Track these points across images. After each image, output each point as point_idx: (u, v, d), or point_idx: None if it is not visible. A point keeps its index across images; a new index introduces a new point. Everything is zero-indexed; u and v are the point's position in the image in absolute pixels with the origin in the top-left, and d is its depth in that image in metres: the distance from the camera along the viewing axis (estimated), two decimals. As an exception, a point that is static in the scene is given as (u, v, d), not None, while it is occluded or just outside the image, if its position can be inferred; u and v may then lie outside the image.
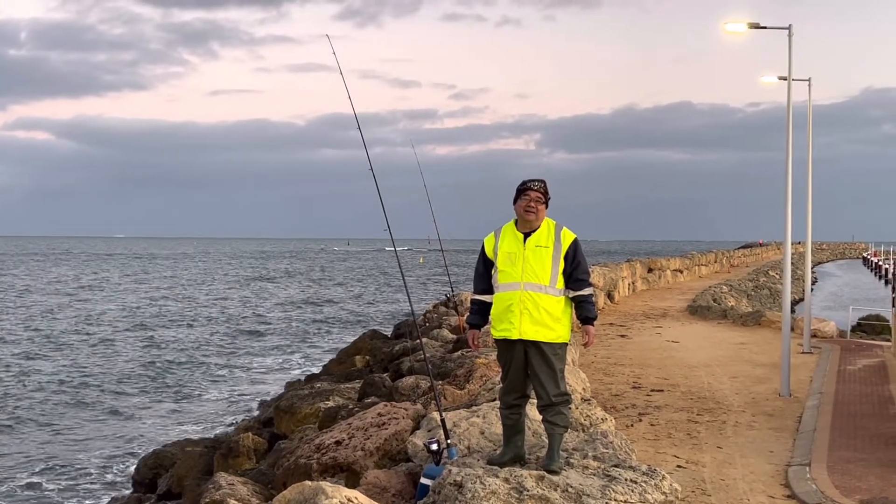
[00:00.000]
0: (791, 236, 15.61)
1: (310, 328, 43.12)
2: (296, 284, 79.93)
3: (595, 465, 6.12)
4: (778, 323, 21.08)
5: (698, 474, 9.22)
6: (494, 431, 7.22)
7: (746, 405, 13.16)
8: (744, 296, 42.75)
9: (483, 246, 6.57)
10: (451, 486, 5.63)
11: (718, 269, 61.85)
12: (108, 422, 21.26)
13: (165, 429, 20.33)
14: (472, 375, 11.23)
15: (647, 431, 11.26)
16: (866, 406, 13.12)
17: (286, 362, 31.70)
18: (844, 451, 10.21)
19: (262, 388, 25.87)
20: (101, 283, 76.16)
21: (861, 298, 53.75)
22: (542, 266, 6.26)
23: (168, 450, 15.21)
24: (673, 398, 13.60)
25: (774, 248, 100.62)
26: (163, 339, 37.63)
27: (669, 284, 43.73)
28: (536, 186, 6.37)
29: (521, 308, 6.24)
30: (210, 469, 12.16)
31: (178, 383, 26.79)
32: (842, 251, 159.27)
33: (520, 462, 6.33)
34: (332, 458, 8.34)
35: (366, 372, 18.48)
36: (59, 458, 17.62)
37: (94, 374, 27.94)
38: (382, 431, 8.54)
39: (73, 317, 46.13)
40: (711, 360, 17.64)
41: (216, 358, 32.42)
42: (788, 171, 15.24)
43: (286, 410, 13.95)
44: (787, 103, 15.44)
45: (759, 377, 15.69)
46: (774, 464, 9.80)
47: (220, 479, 9.12)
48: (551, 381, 6.25)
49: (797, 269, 47.03)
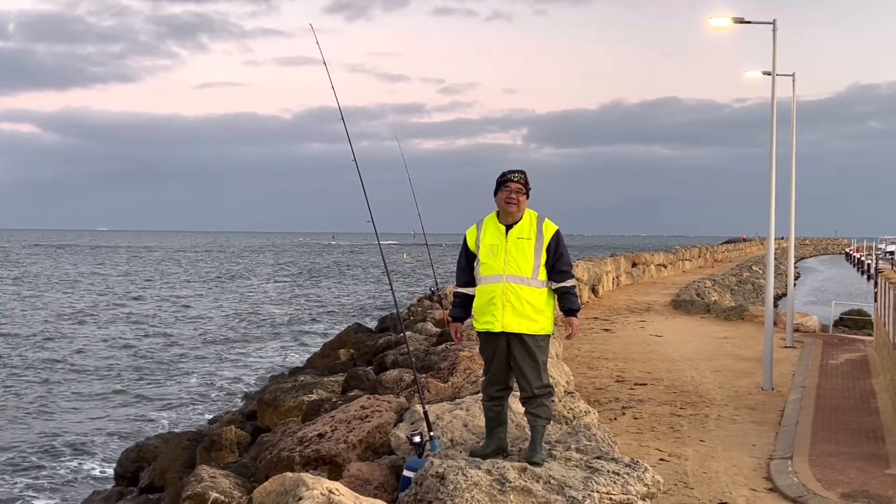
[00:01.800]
0: (774, 232, 15.67)
1: (293, 322, 43.02)
2: (279, 278, 79.73)
3: (578, 458, 6.12)
4: (761, 317, 21.15)
5: (681, 467, 9.25)
6: (477, 424, 7.21)
7: (729, 399, 13.21)
8: (727, 290, 42.96)
9: (465, 238, 6.54)
10: (433, 478, 5.61)
11: (702, 264, 62.10)
12: (89, 414, 21.15)
13: (148, 422, 20.24)
14: (455, 368, 11.21)
15: (630, 425, 11.29)
16: (848, 400, 13.19)
17: (270, 356, 31.62)
18: (826, 445, 10.26)
19: (246, 381, 25.80)
20: (88, 277, 75.79)
21: (843, 293, 54.06)
22: (525, 258, 6.24)
23: (150, 443, 15.14)
24: (656, 392, 13.64)
25: (758, 244, 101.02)
26: (146, 331, 37.48)
27: (653, 279, 43.86)
28: (517, 178, 6.34)
29: (504, 300, 6.22)
30: (192, 462, 12.10)
31: (161, 376, 26.68)
32: (825, 247, 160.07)
33: (502, 454, 6.32)
34: (315, 450, 8.31)
35: (350, 365, 18.44)
36: (40, 450, 17.51)
37: (76, 367, 27.80)
38: (365, 424, 8.51)
39: (58, 308, 45.91)
40: (695, 355, 17.70)
41: (199, 351, 32.30)
42: (772, 167, 15.28)
43: (269, 403, 13.90)
44: (772, 98, 15.49)
45: (742, 371, 15.75)
46: (757, 457, 9.84)
47: (202, 472, 9.06)
48: (534, 373, 6.24)
49: (780, 264, 47.14)
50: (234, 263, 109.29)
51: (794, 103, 20.53)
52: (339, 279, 79.27)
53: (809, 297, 52.00)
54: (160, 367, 28.45)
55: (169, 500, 9.76)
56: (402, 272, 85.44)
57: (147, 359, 29.99)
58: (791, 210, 20.15)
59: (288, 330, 39.68)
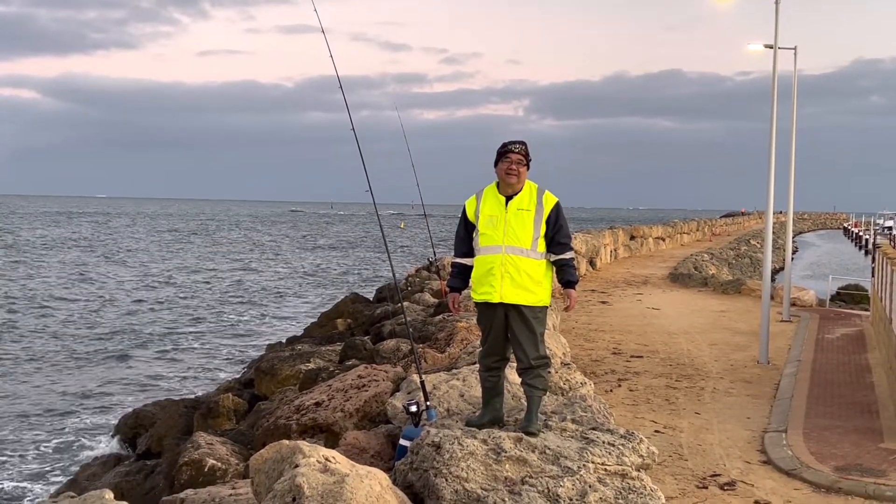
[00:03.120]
0: (773, 206, 15.65)
1: (291, 291, 43.08)
2: (278, 248, 79.72)
3: (573, 428, 6.14)
4: (758, 291, 21.18)
5: (675, 439, 9.30)
6: (474, 394, 7.24)
7: (725, 372, 13.26)
8: (725, 264, 43.00)
9: (464, 209, 6.51)
10: (429, 447, 5.64)
11: (700, 238, 62.08)
12: (88, 380, 21.22)
13: (145, 388, 20.32)
14: (452, 339, 11.25)
15: (625, 397, 11.33)
16: (843, 374, 13.24)
17: (267, 324, 31.69)
18: (821, 419, 10.31)
19: (243, 349, 25.87)
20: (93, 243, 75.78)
21: (841, 268, 54.13)
22: (524, 229, 6.23)
23: (148, 409, 15.22)
24: (652, 364, 13.68)
25: (756, 218, 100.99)
26: (146, 298, 37.52)
27: (651, 252, 43.86)
28: (517, 149, 6.31)
29: (503, 271, 6.21)
30: (190, 429, 12.18)
31: (159, 343, 26.75)
32: (823, 221, 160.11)
33: (498, 424, 6.34)
34: (312, 418, 8.36)
35: (347, 335, 18.49)
36: (38, 417, 17.59)
37: (76, 334, 27.87)
38: (362, 393, 8.56)
39: (65, 275, 45.95)
40: (691, 328, 17.74)
41: (196, 318, 32.36)
42: (772, 141, 15.24)
43: (266, 372, 13.97)
44: (773, 72, 15.42)
45: (738, 345, 15.79)
46: (751, 430, 9.88)
47: (199, 439, 9.13)
48: (531, 344, 6.25)
49: (778, 238, 47.20)
50: (233, 231, 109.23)
51: (796, 77, 20.45)
52: (336, 249, 79.27)
53: (807, 272, 52.07)
54: (157, 334, 28.52)
55: (166, 466, 9.82)
56: (401, 242, 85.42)
57: (143, 326, 30.04)
58: (790, 184, 20.12)
59: (284, 299, 39.74)
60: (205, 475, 8.23)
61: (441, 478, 5.37)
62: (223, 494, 6.17)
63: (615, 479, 5.42)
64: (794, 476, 8.20)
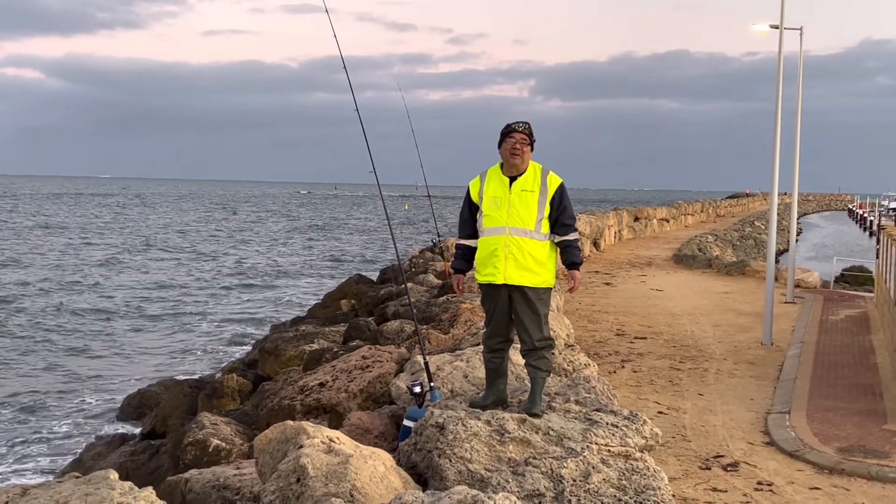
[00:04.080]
0: (778, 187, 15.62)
1: (295, 272, 43.12)
2: (282, 229, 79.74)
3: (577, 410, 6.15)
4: (762, 273, 21.16)
5: (679, 420, 9.31)
6: (477, 375, 7.25)
7: (728, 353, 13.26)
8: (729, 245, 42.96)
9: (468, 190, 6.50)
10: (433, 428, 5.65)
11: (705, 219, 62.02)
12: (90, 360, 21.29)
13: (150, 369, 20.37)
14: (456, 320, 11.26)
15: (629, 378, 11.34)
16: (847, 356, 13.23)
17: (271, 305, 31.73)
18: (824, 400, 10.32)
19: (247, 330, 25.92)
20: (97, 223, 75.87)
21: (845, 250, 54.06)
22: (528, 210, 6.21)
23: (153, 389, 15.29)
24: (656, 346, 13.69)
25: (761, 199, 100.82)
26: (150, 278, 37.57)
27: (655, 233, 43.82)
28: (521, 128, 6.28)
29: (506, 252, 6.20)
30: (194, 409, 12.23)
31: (163, 323, 26.81)
32: (827, 203, 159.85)
33: (502, 405, 6.35)
34: (316, 399, 8.38)
35: (351, 316, 18.52)
36: (43, 396, 17.65)
37: (82, 312, 27.92)
38: (366, 374, 8.57)
39: (66, 254, 46.00)
40: (695, 309, 17.73)
41: (200, 299, 32.41)
42: (777, 122, 15.19)
43: (271, 352, 14.00)
44: (779, 52, 15.35)
45: (742, 326, 15.79)
46: (755, 411, 9.89)
47: (203, 419, 9.16)
48: (535, 325, 6.24)
49: (783, 219, 47.17)
50: (238, 213, 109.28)
51: (801, 58, 20.37)
52: (340, 230, 79.28)
53: (811, 253, 52.01)
54: (162, 313, 28.57)
55: (171, 447, 9.86)
56: (404, 223, 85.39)
57: (148, 305, 30.09)
58: (795, 165, 20.07)
59: (288, 280, 39.78)
60: (209, 455, 8.27)
61: (445, 458, 5.38)
62: (228, 474, 6.19)
63: (618, 460, 5.43)
64: (797, 457, 8.21)
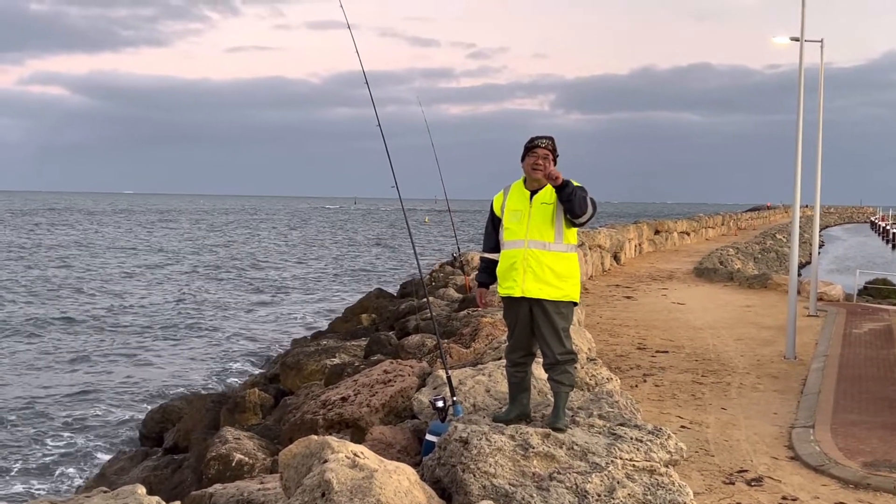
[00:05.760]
0: (799, 199, 15.55)
1: (315, 286, 43.21)
2: (301, 243, 80.00)
3: (601, 424, 6.13)
4: (784, 286, 21.05)
5: (702, 435, 9.26)
6: (500, 390, 7.24)
7: (751, 367, 13.19)
8: (750, 258, 42.75)
9: (492, 204, 6.54)
10: (456, 443, 5.65)
11: (725, 232, 61.77)
12: (112, 375, 21.38)
13: (172, 383, 20.44)
14: (477, 334, 11.24)
15: (651, 392, 11.30)
16: (871, 369, 13.13)
17: (292, 319, 31.80)
18: (848, 414, 10.24)
19: (268, 344, 25.99)
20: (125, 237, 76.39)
21: (868, 262, 53.68)
22: (546, 223, 6.21)
23: (175, 404, 15.32)
24: (678, 359, 13.63)
25: (782, 211, 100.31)
26: (169, 292, 37.75)
27: (676, 247, 43.67)
28: (544, 144, 6.30)
29: (525, 266, 6.20)
30: (216, 423, 12.24)
31: (185, 337, 26.92)
32: (849, 215, 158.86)
33: (525, 420, 6.34)
34: (338, 413, 8.38)
35: (372, 330, 18.54)
36: (66, 410, 17.74)
37: (104, 326, 28.08)
38: (388, 388, 8.57)
39: (88, 267, 46.32)
40: (717, 322, 17.65)
41: (220, 313, 32.53)
42: (799, 134, 15.14)
43: (292, 367, 14.03)
44: (799, 65, 15.32)
45: (765, 339, 15.70)
46: (778, 425, 9.83)
47: (226, 434, 9.18)
48: (556, 339, 6.23)
49: (804, 232, 46.91)
50: (261, 228, 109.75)
51: (822, 70, 20.31)
52: (360, 244, 79.44)
53: (833, 266, 51.67)
54: (182, 328, 28.69)
55: (194, 461, 9.89)
56: (424, 238, 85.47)
57: (169, 319, 30.22)
58: (817, 178, 19.97)
59: (309, 294, 39.87)
60: (232, 470, 8.28)
61: (469, 473, 5.38)
62: (251, 489, 6.21)
63: (643, 475, 5.41)
64: (821, 472, 8.15)
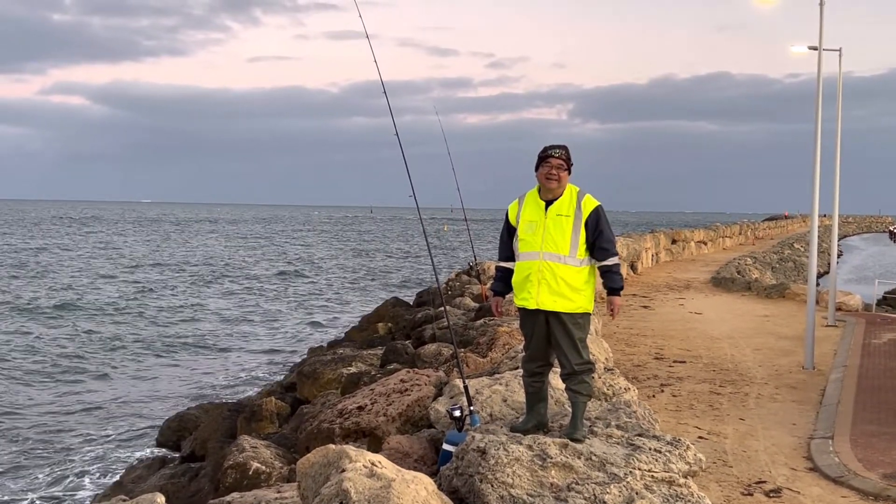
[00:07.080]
0: (818, 209, 15.47)
1: (331, 295, 43.28)
2: (317, 252, 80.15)
3: (619, 434, 6.11)
4: (802, 296, 20.93)
5: (720, 445, 9.21)
6: (517, 399, 7.22)
7: (769, 377, 13.11)
8: (768, 268, 42.54)
9: (507, 213, 6.53)
10: (474, 453, 5.64)
11: (743, 242, 61.51)
12: (131, 383, 21.47)
13: (189, 391, 20.50)
14: (494, 343, 11.24)
15: (668, 402, 11.24)
16: (891, 380, 13.03)
17: (309, 328, 31.86)
18: (868, 425, 10.16)
19: (285, 353, 26.03)
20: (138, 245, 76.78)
21: (887, 272, 53.33)
22: (562, 235, 6.18)
23: (192, 412, 15.38)
24: (695, 369, 13.56)
25: (800, 221, 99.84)
26: (187, 299, 37.89)
27: (693, 256, 43.51)
28: (558, 154, 6.28)
29: (539, 278, 6.16)
30: (233, 432, 12.27)
31: (201, 346, 26.99)
32: (868, 224, 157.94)
33: (542, 430, 6.32)
34: (355, 423, 8.39)
35: (388, 339, 18.55)
36: (84, 420, 17.82)
37: (119, 335, 28.20)
38: (405, 397, 8.57)
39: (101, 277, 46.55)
40: (734, 332, 17.56)
41: (238, 322, 32.62)
42: (817, 143, 15.07)
43: (309, 376, 14.05)
44: (818, 74, 15.25)
45: (783, 350, 15.61)
46: (797, 436, 9.76)
47: (243, 443, 9.20)
48: (573, 349, 6.21)
49: (822, 241, 46.61)
50: (275, 237, 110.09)
51: (840, 78, 20.21)
52: (376, 253, 79.52)
53: (852, 276, 51.37)
54: (199, 337, 28.78)
55: (211, 470, 9.91)
56: (441, 247, 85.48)
57: (185, 328, 30.33)
58: (835, 187, 19.86)
59: (325, 303, 39.93)
60: (249, 478, 8.30)
61: (487, 483, 5.37)
62: (269, 498, 6.22)
63: (662, 486, 5.39)
64: (841, 483, 8.09)
